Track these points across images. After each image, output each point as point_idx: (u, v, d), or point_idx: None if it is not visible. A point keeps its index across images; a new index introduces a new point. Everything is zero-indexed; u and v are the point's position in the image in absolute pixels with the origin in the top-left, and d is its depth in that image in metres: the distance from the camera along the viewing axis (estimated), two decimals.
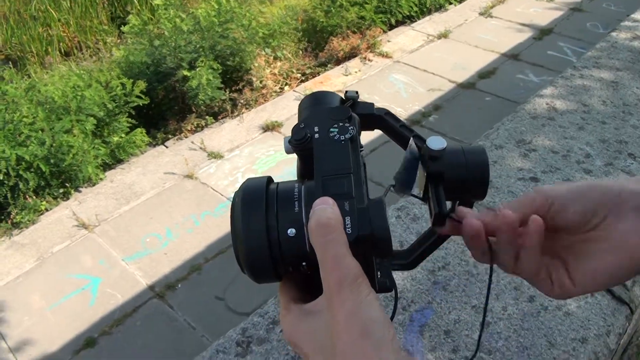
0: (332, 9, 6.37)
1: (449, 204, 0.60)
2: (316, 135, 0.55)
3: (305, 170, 0.55)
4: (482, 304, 1.14)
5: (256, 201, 0.51)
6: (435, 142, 0.59)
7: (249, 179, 0.54)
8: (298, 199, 0.51)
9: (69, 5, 7.50)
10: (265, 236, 0.49)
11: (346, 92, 0.64)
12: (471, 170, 0.59)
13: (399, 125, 0.65)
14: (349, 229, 0.46)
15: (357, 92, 0.65)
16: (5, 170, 3.99)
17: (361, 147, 0.56)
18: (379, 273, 0.54)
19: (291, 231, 0.49)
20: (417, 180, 0.61)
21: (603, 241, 0.55)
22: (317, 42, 6.46)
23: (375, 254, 0.48)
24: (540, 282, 0.58)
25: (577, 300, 1.15)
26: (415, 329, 1.10)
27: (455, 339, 1.08)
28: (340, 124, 0.55)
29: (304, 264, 0.50)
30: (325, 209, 0.46)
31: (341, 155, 0.52)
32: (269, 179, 0.54)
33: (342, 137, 0.54)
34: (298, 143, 0.55)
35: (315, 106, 0.62)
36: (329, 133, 0.55)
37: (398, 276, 1.21)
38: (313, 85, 5.67)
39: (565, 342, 1.07)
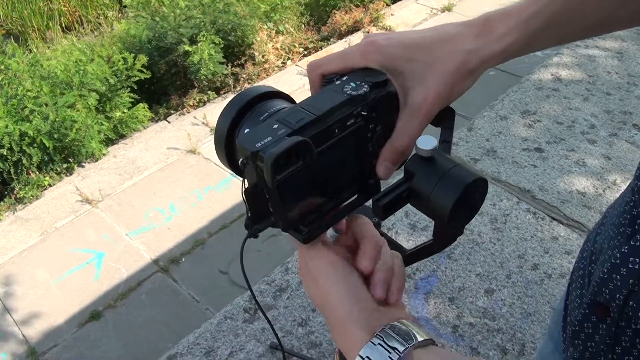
0: None
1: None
2: (337, 82, 0.56)
3: None
4: (486, 272, 1.15)
5: (239, 101, 0.59)
6: (425, 142, 0.53)
7: (256, 85, 0.61)
8: (270, 113, 0.57)
9: None
10: (227, 128, 0.58)
11: None
12: (439, 191, 0.52)
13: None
14: (259, 145, 0.49)
15: None
16: (8, 146, 3.99)
17: (367, 110, 0.54)
18: (313, 226, 0.58)
19: (247, 130, 0.57)
20: None
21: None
22: (320, 16, 6.40)
23: (260, 180, 0.50)
24: None
25: None
26: (420, 296, 1.10)
27: (460, 306, 1.09)
28: (362, 83, 0.54)
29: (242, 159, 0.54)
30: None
31: (328, 102, 0.52)
32: (276, 93, 0.61)
33: (348, 92, 0.53)
34: (323, 83, 0.59)
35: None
36: (345, 84, 0.55)
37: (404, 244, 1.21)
38: None
39: None
